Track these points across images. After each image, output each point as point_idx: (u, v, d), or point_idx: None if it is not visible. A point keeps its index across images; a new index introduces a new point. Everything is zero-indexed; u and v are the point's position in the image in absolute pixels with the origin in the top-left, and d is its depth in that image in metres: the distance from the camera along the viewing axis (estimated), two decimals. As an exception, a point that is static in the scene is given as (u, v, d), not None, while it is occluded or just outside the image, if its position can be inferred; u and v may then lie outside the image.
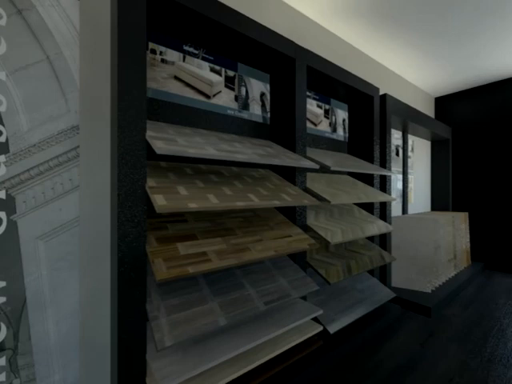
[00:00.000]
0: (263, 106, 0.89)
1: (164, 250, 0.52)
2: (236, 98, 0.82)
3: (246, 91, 0.85)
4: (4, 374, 0.51)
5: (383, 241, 1.21)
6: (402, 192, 1.63)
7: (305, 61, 0.83)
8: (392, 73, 1.63)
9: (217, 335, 0.59)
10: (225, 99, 0.80)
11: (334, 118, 1.15)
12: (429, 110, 1.98)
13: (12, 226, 0.52)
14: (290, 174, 0.82)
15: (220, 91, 0.78)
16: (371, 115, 1.13)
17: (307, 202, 0.70)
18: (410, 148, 1.72)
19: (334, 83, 1.00)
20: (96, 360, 0.59)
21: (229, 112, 0.80)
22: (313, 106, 1.07)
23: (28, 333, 0.53)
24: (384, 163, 1.21)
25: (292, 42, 0.79)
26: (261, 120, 0.89)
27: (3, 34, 0.51)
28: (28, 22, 0.53)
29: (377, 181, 1.15)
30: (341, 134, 1.19)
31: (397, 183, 1.59)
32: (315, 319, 0.80)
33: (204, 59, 0.75)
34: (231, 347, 0.55)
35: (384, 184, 1.21)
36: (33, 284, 0.54)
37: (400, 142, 1.62)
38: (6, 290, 0.51)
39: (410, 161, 1.71)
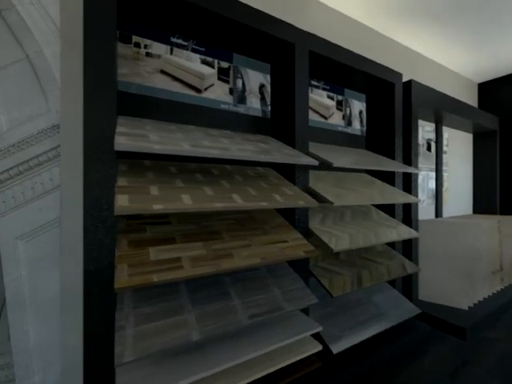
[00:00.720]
0: (263, 98, 0.82)
1: (133, 255, 0.48)
2: (231, 91, 0.76)
3: (243, 83, 0.78)
4: (-16, 373, 0.51)
5: (407, 248, 1.06)
6: (435, 192, 1.43)
7: (306, 45, 0.74)
8: (424, 58, 1.44)
9: (196, 349, 0.54)
10: (218, 93, 0.74)
11: (348, 109, 1.04)
12: (470, 97, 1.73)
13: (-9, 226, 0.52)
14: (290, 173, 0.75)
15: (212, 84, 0.73)
16: (392, 105, 1.00)
17: (303, 204, 0.62)
18: (444, 142, 1.51)
19: (346, 70, 0.90)
20: (74, 364, 0.57)
21: (223, 106, 0.75)
22: (323, 98, 0.97)
23: (7, 333, 0.53)
24: (409, 160, 1.06)
25: (291, 26, 0.71)
26: (260, 114, 0.82)
27: (-18, 35, 0.51)
28: (7, 22, 0.53)
29: (399, 180, 1.01)
30: (357, 127, 1.07)
31: (428, 182, 1.40)
32: (317, 336, 0.71)
33: (194, 51, 0.71)
34: (209, 365, 0.50)
35: (408, 183, 1.06)
36: (12, 284, 0.53)
37: (433, 136, 1.43)
38: (-16, 290, 0.51)
39: (445, 157, 1.50)
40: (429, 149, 1.41)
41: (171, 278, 0.46)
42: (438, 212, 1.44)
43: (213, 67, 0.73)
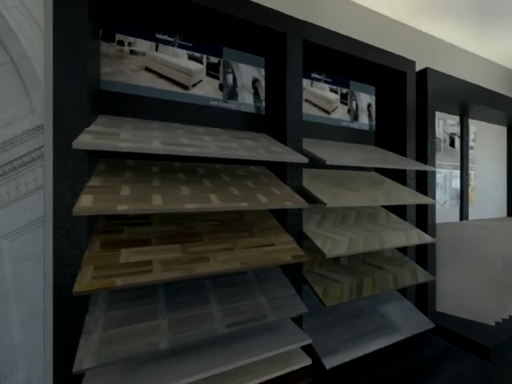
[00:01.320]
0: (256, 94, 0.78)
1: (102, 257, 0.47)
2: (221, 87, 0.73)
3: (234, 78, 0.75)
4: (-32, 367, 0.52)
5: (422, 254, 0.96)
6: (459, 192, 1.29)
7: (299, 34, 0.69)
8: (449, 45, 1.31)
9: (167, 358, 0.51)
10: (207, 89, 0.72)
11: (354, 103, 0.96)
12: (505, 86, 1.55)
13: (-24, 225, 0.53)
14: (282, 171, 0.70)
15: (201, 80, 0.71)
16: (404, 97, 0.91)
17: (290, 205, 0.57)
18: (471, 137, 1.36)
19: (350, 60, 0.83)
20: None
21: (212, 103, 0.72)
22: (325, 91, 0.90)
23: (-8, 330, 0.54)
24: (424, 157, 0.96)
25: (281, 14, 0.67)
26: (253, 110, 0.78)
27: (-31, 39, 0.53)
28: (-8, 26, 0.54)
29: (412, 179, 0.92)
30: (365, 122, 0.99)
31: (452, 181, 1.27)
32: (309, 348, 0.66)
33: (181, 46, 0.69)
34: (176, 376, 0.47)
35: (424, 182, 0.96)
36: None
37: (457, 130, 1.29)
38: (-30, 287, 0.52)
39: (471, 153, 1.35)
40: (452, 144, 1.28)
41: (137, 283, 0.43)
42: (463, 214, 1.30)
43: (201, 63, 0.71)
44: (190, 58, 0.70)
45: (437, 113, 1.24)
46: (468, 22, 1.16)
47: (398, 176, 0.93)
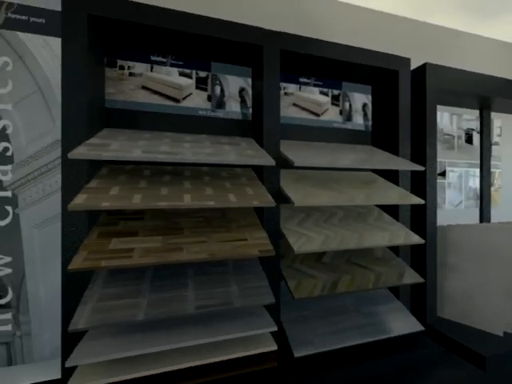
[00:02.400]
0: (243, 101, 0.85)
1: (96, 244, 0.58)
2: (209, 98, 0.82)
3: (221, 89, 0.83)
4: (10, 325, 0.69)
5: (421, 256, 0.93)
6: (478, 192, 1.20)
7: (276, 45, 0.74)
8: (462, 33, 1.22)
9: (148, 331, 0.61)
10: (196, 101, 0.81)
11: (347, 104, 0.97)
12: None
13: (15, 217, 0.69)
14: (260, 173, 0.76)
15: (191, 93, 0.80)
16: (396, 95, 0.89)
17: (257, 203, 0.63)
18: (496, 131, 1.25)
19: (334, 63, 0.85)
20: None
21: (200, 113, 0.81)
22: (314, 94, 0.93)
23: (26, 297, 0.70)
24: (422, 156, 0.93)
25: (257, 28, 0.73)
26: (240, 117, 0.85)
27: (10, 76, 0.69)
28: (26, 64, 0.70)
29: (406, 179, 0.90)
30: (360, 122, 0.99)
31: (469, 180, 1.18)
32: (282, 337, 0.71)
33: (173, 65, 0.79)
34: (152, 344, 0.57)
35: (422, 182, 0.93)
36: (30, 261, 0.71)
37: (473, 125, 1.20)
38: (11, 264, 0.69)
39: (496, 149, 1.24)
40: (469, 141, 1.19)
41: (117, 265, 0.54)
42: (484, 216, 1.20)
43: (191, 78, 0.80)
44: (181, 74, 0.79)
45: (450, 108, 1.17)
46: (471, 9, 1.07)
47: (392, 176, 0.91)
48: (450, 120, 1.17)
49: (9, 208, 0.71)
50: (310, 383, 0.65)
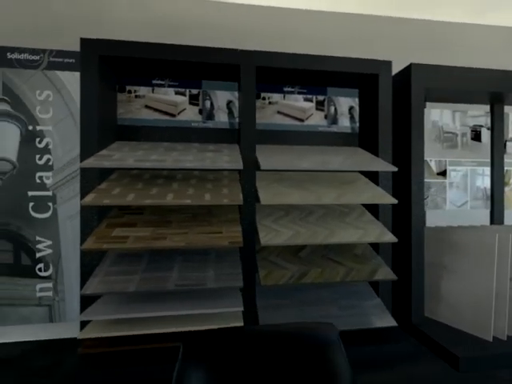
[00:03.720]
0: (230, 113, 0.97)
1: (103, 232, 0.76)
2: (200, 111, 0.96)
3: (211, 103, 0.96)
4: (51, 292, 0.92)
5: (406, 255, 0.94)
6: (487, 192, 1.13)
7: (252, 63, 0.84)
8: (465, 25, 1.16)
9: (144, 303, 0.77)
10: (189, 114, 0.95)
11: (332, 108, 1.02)
12: None
13: (54, 211, 0.92)
14: (240, 175, 0.87)
15: (184, 109, 0.95)
16: (376, 98, 0.92)
17: (227, 202, 0.75)
18: (510, 127, 1.15)
19: (314, 72, 0.91)
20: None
21: (193, 124, 0.96)
22: (298, 102, 1.01)
23: (62, 272, 0.92)
24: (407, 157, 0.93)
25: (234, 50, 0.84)
26: (228, 126, 0.97)
27: (51, 105, 0.92)
28: (62, 95, 0.92)
29: (387, 180, 0.92)
30: (346, 124, 1.03)
31: (476, 179, 1.12)
32: (254, 318, 0.81)
33: (170, 86, 0.95)
34: (142, 312, 0.72)
35: (407, 182, 0.94)
36: (64, 244, 0.93)
37: (481, 121, 1.13)
38: (51, 246, 0.92)
39: (510, 146, 1.15)
40: (477, 138, 1.13)
41: (114, 248, 0.71)
42: (495, 217, 1.12)
43: (185, 95, 0.95)
44: (177, 93, 0.95)
45: (452, 105, 1.12)
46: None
47: (373, 177, 0.94)
48: (451, 117, 1.12)
49: (50, 204, 0.94)
50: (263, 360, 0.74)
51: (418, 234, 0.94)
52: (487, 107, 1.13)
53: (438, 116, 1.10)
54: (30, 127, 0.91)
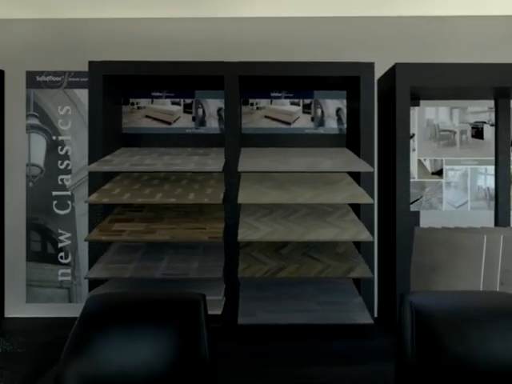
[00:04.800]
0: (221, 119, 1.05)
1: (105, 226, 0.89)
2: (193, 119, 1.06)
3: (203, 111, 1.05)
4: (70, 276, 1.08)
5: (390, 255, 0.94)
6: (489, 192, 1.07)
7: (234, 73, 0.91)
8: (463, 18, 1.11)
9: (137, 287, 0.88)
10: (184, 122, 1.06)
11: (319, 110, 1.06)
12: None
13: (73, 208, 1.08)
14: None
15: (179, 117, 1.06)
16: (358, 99, 0.93)
17: (207, 201, 0.83)
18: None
19: (296, 79, 0.96)
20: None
21: (187, 131, 1.06)
22: (285, 106, 1.06)
23: (78, 260, 1.08)
24: (392, 157, 0.94)
25: (218, 63, 0.92)
26: (218, 131, 1.06)
27: (70, 118, 1.08)
28: (78, 109, 1.08)
29: (368, 180, 0.93)
30: (333, 126, 1.06)
31: (477, 179, 1.07)
32: (234, 307, 0.88)
33: (167, 97, 1.06)
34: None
35: (392, 182, 0.94)
36: (80, 237, 1.08)
37: (484, 117, 1.07)
38: (70, 238, 1.08)
39: (517, 143, 1.07)
40: (479, 135, 1.07)
41: (111, 239, 0.83)
42: (500, 218, 1.06)
43: (179, 105, 1.06)
44: (173, 103, 1.06)
45: (450, 102, 1.08)
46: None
47: (357, 177, 0.95)
48: (449, 115, 1.08)
49: (69, 202, 1.10)
50: (237, 345, 0.81)
51: (402, 233, 0.93)
52: (490, 103, 1.08)
53: (434, 114, 1.07)
54: (54, 137, 1.08)
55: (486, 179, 1.07)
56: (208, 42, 1.06)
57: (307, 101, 1.06)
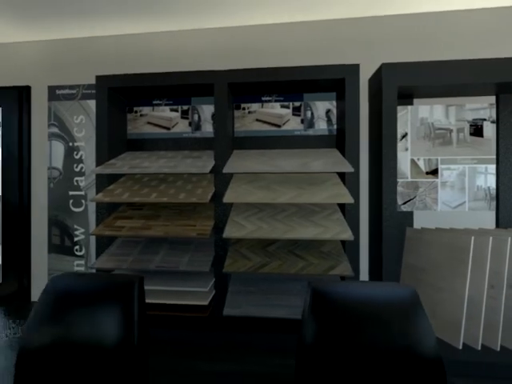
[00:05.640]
0: (215, 123, 1.12)
1: (109, 222, 1.00)
2: (190, 124, 1.14)
3: (199, 116, 1.13)
4: (83, 267, 1.21)
5: (377, 254, 0.95)
6: (489, 192, 1.02)
7: (224, 81, 0.97)
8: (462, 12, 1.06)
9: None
10: (181, 127, 1.14)
11: (309, 112, 1.08)
12: None
13: (86, 206, 1.21)
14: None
15: (177, 122, 1.14)
16: (350, 101, 0.95)
17: (195, 200, 0.90)
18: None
19: (284, 84, 1.00)
20: (108, 274, 1.18)
21: (184, 135, 1.14)
22: (275, 109, 1.10)
23: (90, 252, 1.21)
24: (378, 155, 0.94)
25: (208, 72, 0.99)
26: (212, 135, 1.12)
27: (84, 126, 1.21)
28: (90, 118, 1.21)
29: (351, 179, 0.94)
30: (323, 127, 1.08)
31: (476, 178, 1.03)
32: (221, 300, 0.94)
33: (166, 104, 1.15)
34: (131, 284, 0.92)
35: (378, 182, 0.94)
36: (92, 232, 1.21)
37: (483, 114, 1.02)
38: (84, 233, 1.21)
39: (520, 140, 1.01)
40: (478, 133, 1.03)
41: (111, 234, 0.93)
42: (501, 220, 1.01)
43: (177, 111, 1.14)
44: (171, 110, 1.14)
45: (447, 99, 1.05)
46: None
47: (343, 177, 0.97)
48: (444, 113, 1.04)
49: (83, 201, 1.24)
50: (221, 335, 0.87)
51: (388, 235, 0.93)
52: (490, 99, 1.03)
53: (428, 112, 1.05)
54: (70, 144, 1.22)
55: (487, 178, 1.02)
56: (206, 51, 1.13)
57: (297, 103, 1.09)
